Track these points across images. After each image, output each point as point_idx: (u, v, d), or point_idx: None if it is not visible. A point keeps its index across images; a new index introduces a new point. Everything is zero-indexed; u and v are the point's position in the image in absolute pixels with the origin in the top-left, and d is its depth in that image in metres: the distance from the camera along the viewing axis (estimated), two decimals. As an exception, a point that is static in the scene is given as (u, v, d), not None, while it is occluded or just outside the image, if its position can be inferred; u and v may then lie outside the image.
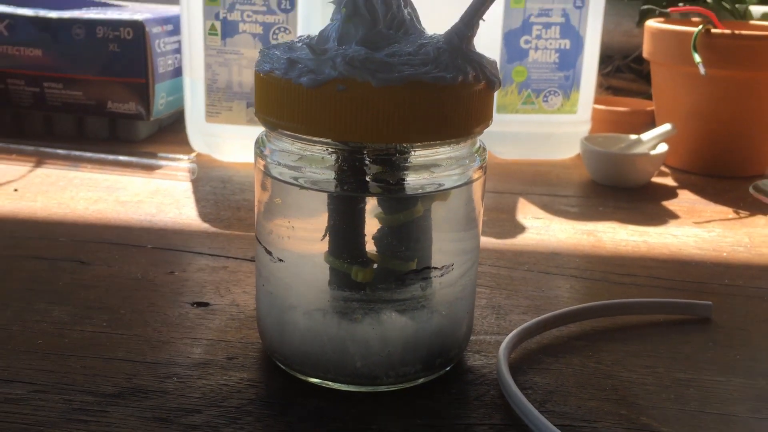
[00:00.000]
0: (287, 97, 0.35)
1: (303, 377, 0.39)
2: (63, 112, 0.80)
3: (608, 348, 0.44)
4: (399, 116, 0.34)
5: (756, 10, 1.06)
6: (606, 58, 0.97)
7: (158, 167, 0.72)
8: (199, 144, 0.77)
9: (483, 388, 0.40)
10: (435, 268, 0.38)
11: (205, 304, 0.47)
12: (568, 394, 0.39)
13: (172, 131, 0.88)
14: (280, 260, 0.38)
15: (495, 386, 0.40)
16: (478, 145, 0.39)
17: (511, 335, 0.43)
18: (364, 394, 0.38)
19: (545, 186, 0.75)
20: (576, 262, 0.56)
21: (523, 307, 0.49)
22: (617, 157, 0.74)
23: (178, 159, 0.72)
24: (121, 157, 0.72)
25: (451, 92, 0.35)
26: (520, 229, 0.63)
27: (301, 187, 0.37)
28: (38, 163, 0.73)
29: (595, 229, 0.63)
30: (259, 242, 0.40)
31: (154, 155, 0.73)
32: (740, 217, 0.68)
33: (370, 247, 0.38)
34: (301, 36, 0.39)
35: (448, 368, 0.41)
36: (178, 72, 0.83)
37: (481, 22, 0.36)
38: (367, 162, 0.36)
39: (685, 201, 0.72)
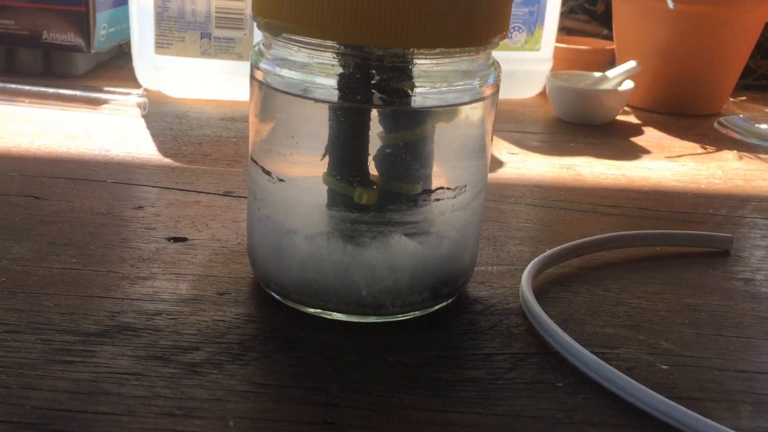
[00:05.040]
0: (295, -4, 0.31)
1: (302, 308, 0.36)
2: (-8, 42, 0.73)
3: (612, 277, 0.43)
4: (418, 18, 0.31)
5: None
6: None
7: (105, 102, 0.66)
8: (148, 78, 0.72)
9: (495, 318, 0.38)
10: (448, 188, 0.35)
11: (183, 239, 0.43)
12: (583, 322, 0.38)
13: (112, 67, 0.82)
14: (281, 180, 0.35)
15: (507, 316, 0.38)
16: (492, 60, 0.37)
17: (533, 263, 0.41)
18: (372, 327, 0.36)
19: (512, 123, 0.73)
20: (561, 194, 0.55)
21: (518, 239, 0.47)
22: (585, 92, 0.73)
23: (127, 93, 0.67)
24: (63, 91, 0.66)
25: (475, -4, 0.32)
26: (499, 163, 0.61)
27: (305, 97, 0.33)
28: (-32, 97, 0.66)
29: (573, 163, 0.62)
30: (255, 162, 0.36)
31: (99, 89, 0.67)
32: (708, 152, 0.68)
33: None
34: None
35: (454, 298, 0.39)
36: (119, 1, 0.77)
37: None
38: (378, 70, 0.33)
39: (652, 137, 0.72)
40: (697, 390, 0.33)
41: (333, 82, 0.33)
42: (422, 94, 0.33)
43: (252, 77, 0.36)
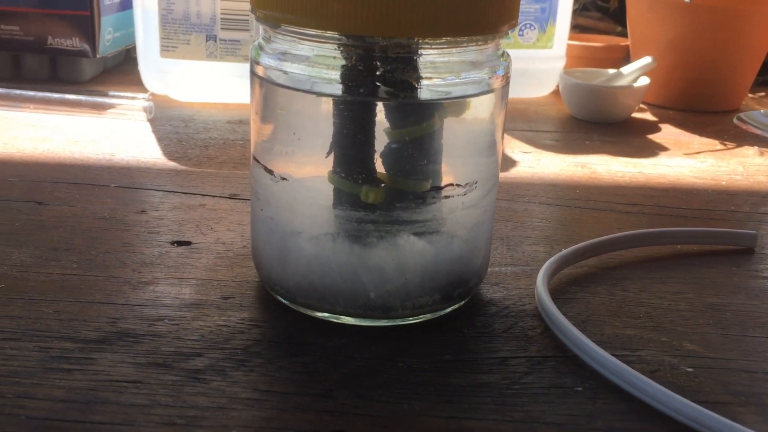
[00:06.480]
0: (296, -14, 0.30)
1: (309, 312, 0.35)
2: (-3, 49, 0.73)
3: (631, 276, 0.41)
4: (423, 6, 0.29)
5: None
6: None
7: (110, 106, 0.65)
8: (154, 83, 0.71)
9: (510, 320, 0.36)
10: (458, 185, 0.34)
11: (187, 243, 0.42)
12: (602, 324, 0.36)
13: (119, 72, 0.81)
14: (283, 179, 0.34)
15: (522, 318, 0.36)
16: (501, 50, 0.35)
17: (549, 262, 0.39)
18: (382, 331, 0.34)
19: (525, 122, 0.71)
20: (576, 193, 0.53)
21: (533, 238, 0.45)
22: (599, 90, 0.71)
23: (132, 97, 0.66)
24: (68, 96, 0.65)
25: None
26: (511, 162, 0.59)
27: (306, 91, 0.32)
28: (-27, 104, 0.66)
29: (587, 161, 0.60)
30: (257, 161, 0.35)
31: (104, 93, 0.66)
32: (728, 148, 0.66)
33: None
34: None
35: (466, 300, 0.37)
36: (124, 5, 0.76)
37: None
38: (382, 62, 0.31)
39: (669, 134, 0.70)
40: (724, 393, 0.31)
41: (336, 75, 0.31)
42: (429, 87, 0.32)
43: (252, 73, 0.34)
